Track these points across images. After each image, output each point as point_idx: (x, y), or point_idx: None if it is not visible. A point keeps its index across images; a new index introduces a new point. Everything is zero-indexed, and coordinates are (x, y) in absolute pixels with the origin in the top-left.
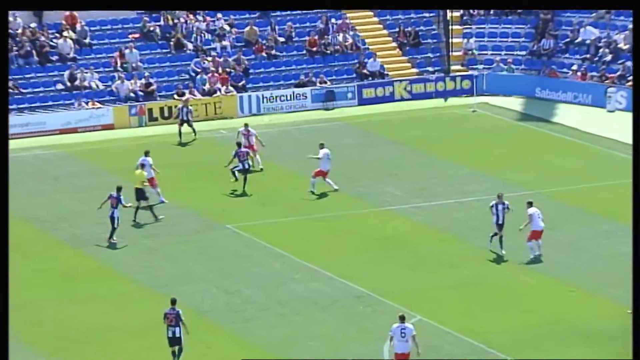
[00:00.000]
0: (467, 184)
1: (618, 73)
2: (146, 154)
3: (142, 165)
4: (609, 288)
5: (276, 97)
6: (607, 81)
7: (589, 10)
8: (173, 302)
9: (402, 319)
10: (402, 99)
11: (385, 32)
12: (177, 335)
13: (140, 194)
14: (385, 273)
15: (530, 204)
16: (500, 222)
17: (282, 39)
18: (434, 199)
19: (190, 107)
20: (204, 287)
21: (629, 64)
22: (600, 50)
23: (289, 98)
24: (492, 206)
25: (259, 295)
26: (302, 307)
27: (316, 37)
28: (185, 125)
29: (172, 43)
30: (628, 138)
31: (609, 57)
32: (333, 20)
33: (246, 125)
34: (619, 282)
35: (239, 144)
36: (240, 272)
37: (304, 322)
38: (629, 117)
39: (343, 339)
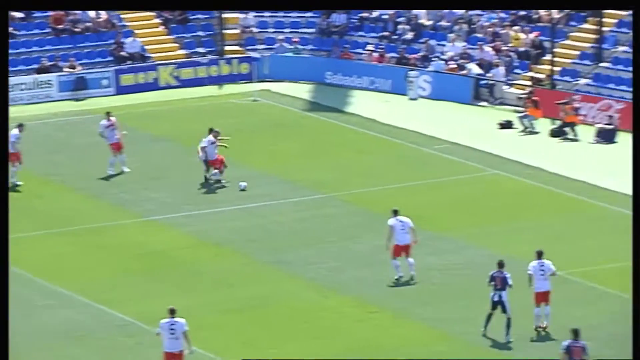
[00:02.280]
0: (250, 187)
1: (420, 53)
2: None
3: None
4: (417, 308)
5: (14, 85)
6: (407, 64)
7: None
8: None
9: (172, 312)
10: (169, 87)
11: None
12: None
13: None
14: (151, 296)
15: (395, 213)
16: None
17: (19, 15)
18: (210, 205)
19: None
20: None
21: (432, 42)
22: (399, 27)
23: (30, 86)
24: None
25: None
26: (52, 340)
27: (62, 13)
28: None
29: None
30: (433, 130)
31: (409, 35)
32: None
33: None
34: (428, 300)
35: None
36: None
37: (55, 358)
38: (433, 105)
39: None
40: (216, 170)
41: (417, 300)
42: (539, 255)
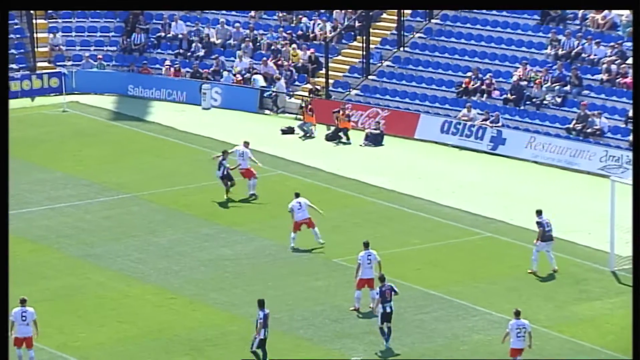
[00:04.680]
0: (60, 189)
1: (212, 68)
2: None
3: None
4: (211, 293)
5: None
6: (201, 77)
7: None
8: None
9: (23, 302)
10: None
11: None
12: None
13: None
14: None
15: (366, 246)
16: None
17: None
18: (24, 206)
19: None
20: None
21: (222, 58)
22: (193, 45)
23: None
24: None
25: None
26: None
27: None
28: None
29: None
30: (224, 136)
31: (202, 52)
32: None
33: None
34: (221, 287)
35: None
36: None
37: None
38: (224, 114)
39: None
40: (255, 180)
41: (211, 286)
42: (366, 246)
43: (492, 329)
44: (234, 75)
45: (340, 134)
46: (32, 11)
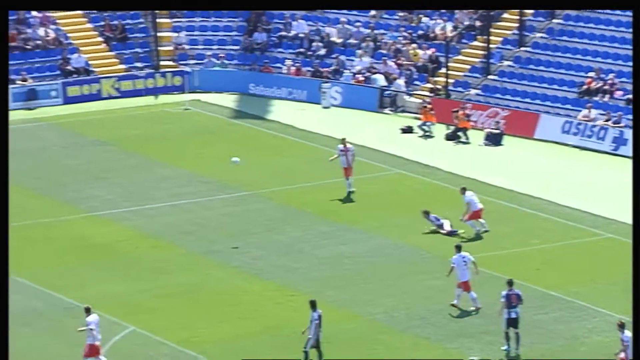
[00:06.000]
0: (182, 186)
1: (332, 67)
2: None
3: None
4: (329, 290)
5: None
6: (321, 76)
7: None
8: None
9: (88, 311)
10: (111, 97)
11: (89, 26)
12: None
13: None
14: (95, 282)
15: (464, 190)
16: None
17: None
18: (147, 202)
19: None
20: None
21: (343, 57)
22: (314, 44)
23: None
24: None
25: None
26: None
27: (15, 32)
28: None
29: None
30: (344, 135)
31: (322, 52)
32: (34, 13)
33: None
34: (338, 285)
35: None
36: None
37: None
38: (344, 112)
39: (51, 355)
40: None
41: (329, 284)
42: (459, 249)
43: (612, 330)
44: (354, 74)
45: (460, 133)
46: (156, 10)
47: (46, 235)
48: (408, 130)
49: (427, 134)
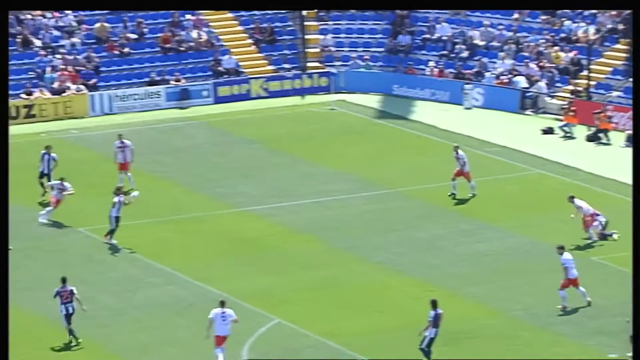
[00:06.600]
0: (326, 183)
1: (474, 69)
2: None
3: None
4: (469, 287)
5: (129, 95)
6: (463, 78)
7: None
8: (63, 280)
9: (223, 304)
10: (259, 97)
11: (240, 28)
12: (71, 312)
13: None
14: (242, 275)
15: (561, 249)
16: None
17: (134, 36)
18: (292, 199)
19: (54, 155)
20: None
21: (485, 60)
22: (457, 46)
23: (142, 97)
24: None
25: (114, 301)
26: (158, 312)
27: (169, 34)
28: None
29: (18, 40)
30: (485, 135)
31: (465, 54)
32: (187, 16)
33: (120, 136)
34: (479, 281)
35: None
36: (94, 277)
37: (161, 327)
38: (485, 113)
39: (200, 344)
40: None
41: (469, 281)
42: (562, 248)
43: None
44: (496, 76)
45: (601, 134)
46: (304, 13)
47: (196, 229)
48: (549, 131)
49: (567, 135)
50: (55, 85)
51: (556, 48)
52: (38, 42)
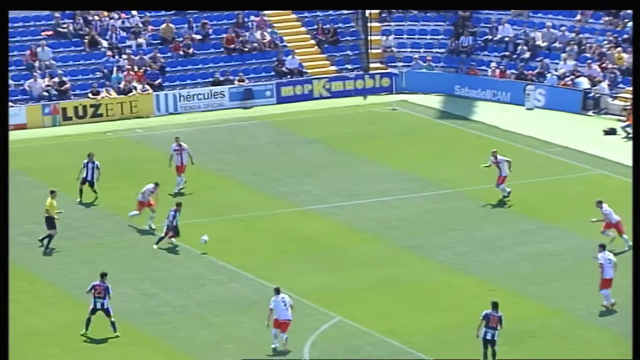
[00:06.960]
0: (388, 182)
1: (536, 70)
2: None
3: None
4: (530, 287)
5: (193, 95)
6: (525, 79)
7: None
8: (102, 275)
9: (278, 291)
10: (321, 97)
11: (303, 29)
12: (106, 306)
13: (50, 223)
14: (304, 274)
15: (602, 247)
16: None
17: (198, 37)
18: (354, 198)
19: (97, 162)
20: (121, 290)
21: (547, 61)
22: (519, 47)
23: (206, 97)
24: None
25: (178, 297)
26: (221, 309)
27: (233, 35)
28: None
29: (86, 41)
30: (546, 136)
31: (527, 55)
32: (251, 17)
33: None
34: (540, 281)
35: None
36: (159, 273)
37: (224, 324)
38: (547, 114)
39: (262, 340)
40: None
41: (531, 280)
42: (603, 247)
43: None
44: (558, 77)
45: None
46: (367, 14)
47: (259, 227)
48: (611, 132)
49: (630, 136)
50: (122, 85)
51: (619, 49)
52: (105, 43)
